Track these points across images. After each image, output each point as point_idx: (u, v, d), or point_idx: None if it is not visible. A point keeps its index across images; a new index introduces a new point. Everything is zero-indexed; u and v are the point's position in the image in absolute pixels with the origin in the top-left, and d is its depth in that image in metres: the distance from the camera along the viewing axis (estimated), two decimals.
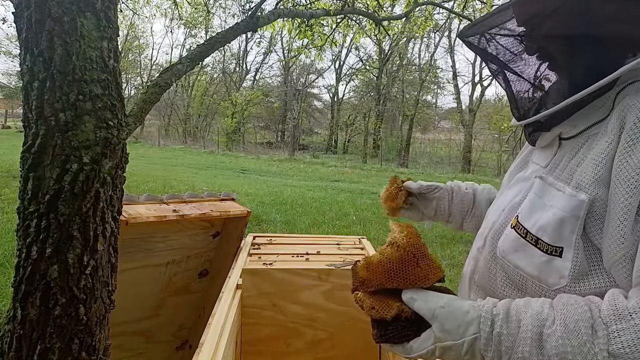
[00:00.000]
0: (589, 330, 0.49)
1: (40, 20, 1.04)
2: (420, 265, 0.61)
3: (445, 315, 0.58)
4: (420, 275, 0.61)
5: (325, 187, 9.54)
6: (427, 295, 0.61)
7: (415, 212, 1.08)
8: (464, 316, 0.57)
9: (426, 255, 0.62)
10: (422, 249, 0.63)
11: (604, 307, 0.51)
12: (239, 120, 24.62)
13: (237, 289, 1.29)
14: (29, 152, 1.08)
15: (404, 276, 0.60)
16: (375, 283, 0.62)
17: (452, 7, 5.12)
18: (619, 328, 0.47)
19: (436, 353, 0.59)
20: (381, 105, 24.21)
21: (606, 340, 0.48)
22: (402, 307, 0.60)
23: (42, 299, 1.09)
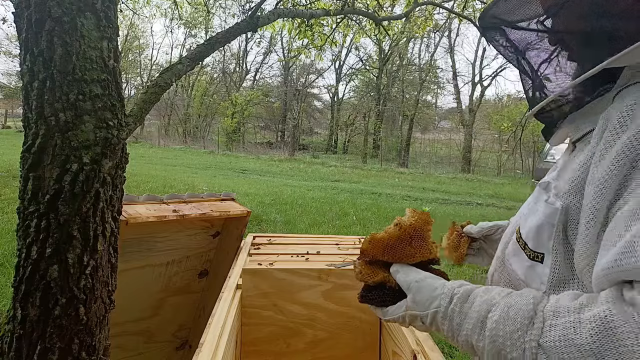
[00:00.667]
0: (525, 320, 0.51)
1: (40, 20, 1.04)
2: (413, 245, 0.69)
3: (417, 288, 0.65)
4: (409, 253, 0.69)
5: (325, 187, 9.54)
6: (409, 270, 0.68)
7: (483, 257, 1.01)
8: (432, 292, 0.63)
9: (422, 237, 0.69)
10: (421, 232, 0.70)
11: (550, 303, 0.52)
12: (239, 120, 24.62)
13: (237, 289, 1.29)
14: (29, 152, 1.08)
15: (395, 252, 0.69)
16: (371, 254, 0.70)
17: (452, 7, 5.12)
18: (552, 323, 0.49)
19: (406, 320, 0.66)
20: (381, 105, 24.21)
21: (539, 332, 0.49)
22: (387, 277, 0.69)
23: (42, 299, 1.09)
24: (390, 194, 9.14)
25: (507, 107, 22.60)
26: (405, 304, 0.66)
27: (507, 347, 0.52)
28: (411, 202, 8.28)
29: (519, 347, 0.50)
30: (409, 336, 1.07)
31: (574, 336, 0.46)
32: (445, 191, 10.82)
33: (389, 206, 7.09)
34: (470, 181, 14.60)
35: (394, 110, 24.92)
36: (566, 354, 0.46)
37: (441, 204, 8.31)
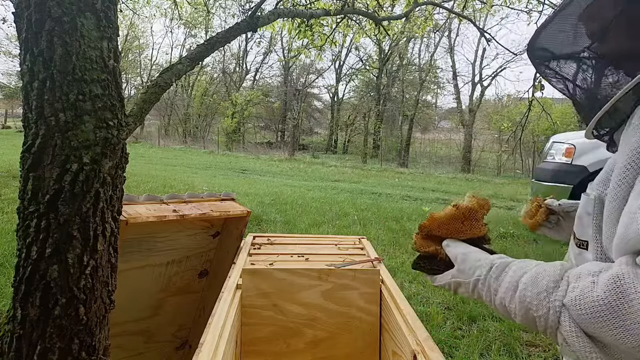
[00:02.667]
0: (551, 284, 0.57)
1: (40, 20, 1.04)
2: (464, 223, 0.77)
3: (462, 259, 0.73)
4: (460, 229, 0.77)
5: (325, 187, 9.54)
6: (459, 244, 0.76)
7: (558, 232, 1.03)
8: (475, 262, 0.71)
9: (475, 218, 0.77)
10: (475, 213, 0.78)
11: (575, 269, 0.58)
12: (238, 120, 24.63)
13: (237, 289, 1.29)
14: (29, 152, 1.08)
15: (448, 228, 0.77)
16: (427, 229, 0.80)
17: (452, 7, 5.11)
18: (574, 285, 0.54)
19: (452, 286, 0.75)
20: (381, 105, 24.21)
21: (563, 294, 0.55)
22: (439, 250, 0.78)
23: (42, 299, 1.09)
24: (390, 194, 9.14)
25: (507, 107, 22.61)
26: (452, 272, 0.74)
27: (533, 306, 0.57)
28: (411, 202, 8.28)
29: (544, 307, 0.56)
30: (409, 336, 1.07)
31: (590, 293, 0.51)
32: (445, 191, 10.82)
33: (389, 206, 7.08)
34: (470, 181, 14.60)
35: (394, 110, 24.91)
36: (583, 309, 0.51)
37: (441, 204, 8.31)
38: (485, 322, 2.84)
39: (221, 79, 27.52)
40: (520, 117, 8.35)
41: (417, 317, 1.15)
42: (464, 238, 0.77)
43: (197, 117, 26.81)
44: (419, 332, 1.06)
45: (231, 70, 27.76)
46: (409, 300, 1.26)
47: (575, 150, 4.55)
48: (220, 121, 25.53)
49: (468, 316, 2.92)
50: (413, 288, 3.41)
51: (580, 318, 0.52)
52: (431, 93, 26.98)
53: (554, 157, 4.82)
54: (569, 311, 0.54)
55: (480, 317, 2.91)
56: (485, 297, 0.68)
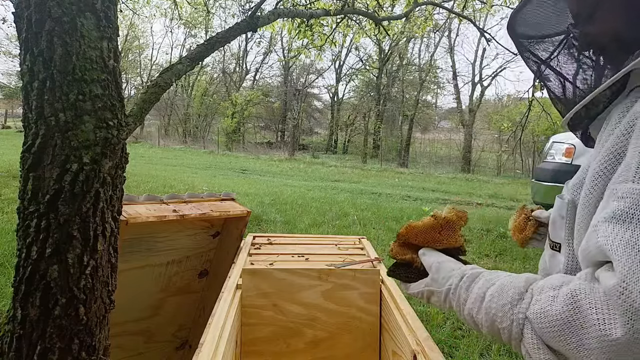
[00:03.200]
0: (516, 296, 0.57)
1: (40, 20, 1.04)
2: (441, 233, 0.78)
3: (437, 268, 0.73)
4: (436, 239, 0.78)
5: (325, 187, 9.54)
6: (434, 253, 0.77)
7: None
8: (448, 272, 0.71)
9: (452, 229, 0.79)
10: (452, 224, 0.79)
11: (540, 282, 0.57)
12: (238, 120, 24.63)
13: (237, 289, 1.29)
14: (29, 152, 1.08)
15: (425, 237, 0.79)
16: (405, 237, 0.81)
17: (452, 7, 5.11)
18: (537, 299, 0.54)
19: (424, 295, 0.75)
20: (381, 105, 24.21)
21: (527, 306, 0.55)
22: (415, 259, 0.80)
23: (42, 299, 1.09)
24: (390, 194, 9.14)
25: (507, 107, 22.61)
26: (425, 281, 0.75)
27: (498, 317, 0.58)
28: (411, 202, 8.28)
29: (508, 318, 0.56)
30: (409, 336, 1.07)
31: (550, 308, 0.51)
32: (445, 191, 10.82)
33: (389, 206, 7.08)
34: (470, 181, 14.60)
35: (394, 110, 24.91)
36: (543, 323, 0.51)
37: (441, 204, 8.31)
38: None
39: (221, 79, 27.52)
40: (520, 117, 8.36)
41: (417, 317, 1.15)
42: (440, 248, 0.79)
43: (197, 117, 26.81)
44: (419, 332, 1.06)
45: (231, 70, 27.77)
46: (409, 300, 1.26)
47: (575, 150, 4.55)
48: (220, 121, 25.54)
49: None
50: None
51: (541, 331, 0.52)
52: (431, 93, 27.00)
53: (554, 157, 4.82)
54: (532, 324, 0.53)
55: None
56: (455, 307, 0.68)
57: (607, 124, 0.60)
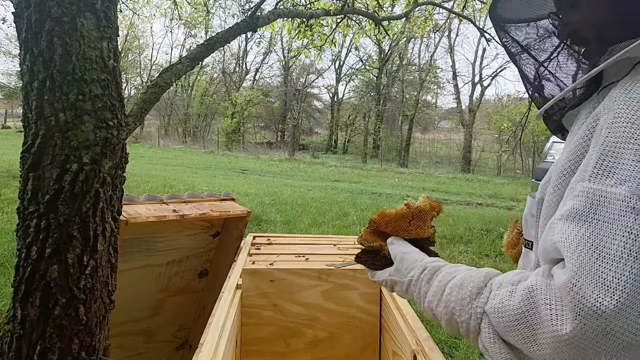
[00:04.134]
0: (475, 290, 0.57)
1: (40, 20, 1.04)
2: (410, 223, 0.78)
3: (401, 259, 0.74)
4: (405, 228, 0.78)
5: (325, 187, 9.54)
6: (401, 243, 0.77)
7: None
8: (412, 263, 0.72)
9: (422, 219, 0.79)
10: (423, 214, 0.79)
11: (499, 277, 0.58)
12: (238, 120, 24.63)
13: (237, 289, 1.29)
14: (29, 152, 1.08)
15: (395, 225, 0.79)
16: (375, 225, 0.81)
17: (452, 7, 5.11)
18: (495, 294, 0.55)
19: (388, 284, 0.76)
20: (381, 105, 24.20)
21: (485, 300, 0.56)
22: (383, 247, 0.79)
23: (42, 299, 1.09)
24: (390, 194, 9.14)
25: (507, 107, 22.61)
26: (389, 270, 0.76)
27: (457, 311, 0.58)
28: None
29: (466, 312, 0.57)
30: (409, 336, 1.07)
31: (507, 303, 0.52)
32: (445, 191, 10.82)
33: (389, 206, 7.06)
34: (470, 181, 14.60)
35: (394, 110, 24.91)
36: (500, 317, 0.52)
37: (441, 204, 8.29)
38: None
39: (221, 79, 27.52)
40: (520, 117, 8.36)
41: (417, 317, 1.15)
42: (408, 237, 0.79)
43: (197, 117, 26.80)
44: (419, 332, 1.06)
45: (231, 70, 27.76)
46: (409, 301, 1.26)
47: None
48: (220, 121, 25.53)
49: None
50: None
51: (498, 326, 0.53)
52: (431, 93, 26.99)
53: (554, 157, 4.82)
54: (489, 318, 0.54)
55: None
56: (416, 299, 0.69)
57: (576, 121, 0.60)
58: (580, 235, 0.46)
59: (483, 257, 4.34)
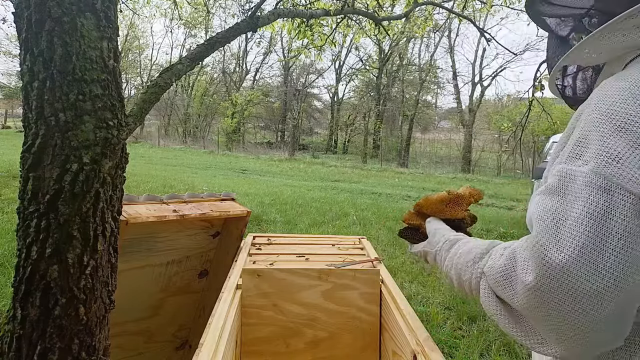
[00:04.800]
0: (478, 255, 0.69)
1: (40, 20, 1.04)
2: (447, 206, 0.90)
3: (433, 233, 0.87)
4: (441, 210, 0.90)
5: (325, 187, 9.54)
6: (436, 222, 0.90)
7: None
8: (440, 237, 0.84)
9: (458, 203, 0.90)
10: (460, 199, 0.90)
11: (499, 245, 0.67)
12: (238, 120, 24.63)
13: (237, 289, 1.29)
14: (29, 152, 1.08)
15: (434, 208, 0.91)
16: (419, 207, 0.94)
17: (452, 7, 5.11)
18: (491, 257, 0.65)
19: (421, 255, 0.90)
20: (381, 105, 24.20)
21: (485, 263, 0.66)
22: (422, 225, 0.93)
23: (42, 299, 1.09)
24: (390, 194, 9.14)
25: (507, 107, 22.60)
26: (423, 244, 0.89)
27: (463, 272, 0.71)
28: (411, 202, 8.27)
29: (469, 272, 0.69)
30: (409, 336, 1.07)
31: (497, 262, 0.62)
32: None
33: (389, 206, 7.08)
34: (470, 181, 14.60)
35: (394, 110, 24.91)
36: (491, 275, 0.62)
37: None
38: (485, 322, 2.84)
39: (221, 79, 27.52)
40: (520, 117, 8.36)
41: (417, 317, 1.15)
42: (443, 217, 0.91)
43: (197, 117, 26.80)
44: (419, 332, 1.06)
45: (231, 70, 27.76)
46: (409, 300, 1.26)
47: None
48: (220, 121, 25.53)
49: (468, 316, 2.92)
50: (413, 288, 3.41)
51: (491, 282, 0.62)
52: (431, 93, 26.99)
53: None
54: (486, 277, 0.64)
55: (480, 317, 2.90)
56: (439, 265, 0.82)
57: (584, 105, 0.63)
58: (549, 206, 0.55)
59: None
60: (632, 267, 0.49)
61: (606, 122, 0.53)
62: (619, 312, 0.51)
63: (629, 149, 0.50)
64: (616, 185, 0.50)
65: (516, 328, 0.61)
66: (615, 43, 0.59)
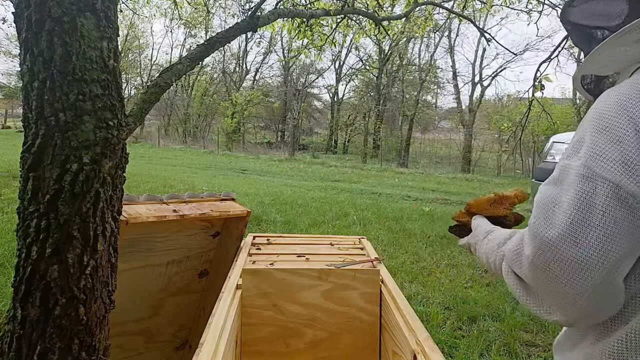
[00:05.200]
0: (503, 241, 0.81)
1: (40, 20, 1.04)
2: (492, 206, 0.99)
3: (475, 228, 0.97)
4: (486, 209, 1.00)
5: (325, 187, 9.54)
6: (480, 219, 0.99)
7: None
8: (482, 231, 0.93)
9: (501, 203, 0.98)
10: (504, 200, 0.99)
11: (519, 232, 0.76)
12: (238, 120, 24.63)
13: (237, 289, 1.29)
14: (29, 152, 1.08)
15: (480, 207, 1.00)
16: (468, 207, 1.03)
17: (452, 7, 5.11)
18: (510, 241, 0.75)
19: (467, 246, 1.00)
20: (381, 105, 24.20)
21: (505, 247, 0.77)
22: (469, 222, 1.02)
23: (42, 299, 1.09)
24: (390, 194, 9.14)
25: (507, 107, 22.60)
26: (468, 237, 0.99)
27: (491, 255, 0.83)
28: (411, 202, 8.28)
29: (495, 255, 0.81)
30: (409, 336, 1.07)
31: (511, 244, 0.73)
32: (445, 191, 10.82)
33: (389, 206, 7.08)
34: (470, 181, 14.60)
35: (394, 110, 24.90)
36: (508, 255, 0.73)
37: (441, 204, 8.31)
38: (485, 322, 2.84)
39: (221, 79, 27.51)
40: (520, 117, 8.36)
41: (417, 317, 1.15)
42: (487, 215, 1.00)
43: (197, 117, 26.79)
44: (419, 332, 1.06)
45: (231, 70, 27.75)
46: (409, 300, 1.26)
47: None
48: (220, 121, 25.53)
49: (468, 316, 2.92)
50: (413, 288, 3.41)
51: (509, 262, 0.72)
52: (431, 93, 26.97)
53: (554, 157, 4.81)
54: (506, 258, 0.74)
55: (480, 317, 2.91)
56: (477, 254, 0.94)
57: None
58: (548, 193, 0.66)
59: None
60: (612, 242, 0.58)
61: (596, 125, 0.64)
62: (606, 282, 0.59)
63: (609, 146, 0.61)
64: (598, 175, 0.60)
65: (530, 300, 0.70)
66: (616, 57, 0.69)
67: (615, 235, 0.58)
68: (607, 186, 0.59)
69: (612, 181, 0.59)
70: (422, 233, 5.19)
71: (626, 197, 0.58)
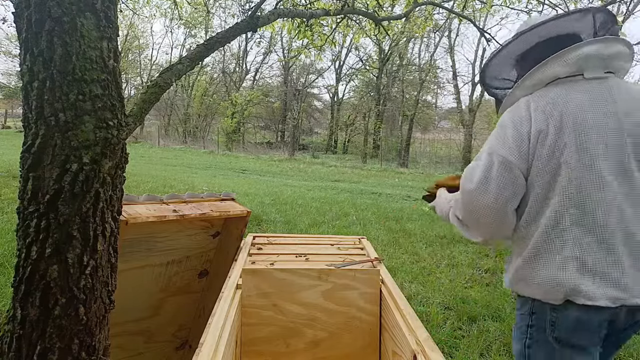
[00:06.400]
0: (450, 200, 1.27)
1: (40, 20, 1.04)
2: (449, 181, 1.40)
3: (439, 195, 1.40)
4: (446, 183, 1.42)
5: (325, 187, 9.54)
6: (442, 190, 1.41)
7: None
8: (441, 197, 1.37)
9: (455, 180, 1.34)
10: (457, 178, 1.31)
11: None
12: (238, 120, 24.62)
13: (237, 289, 1.29)
14: (29, 152, 1.08)
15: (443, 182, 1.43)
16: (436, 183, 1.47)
17: (452, 7, 5.10)
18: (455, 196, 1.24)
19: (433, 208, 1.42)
20: (381, 105, 24.19)
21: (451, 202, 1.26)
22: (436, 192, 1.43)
23: (42, 299, 1.09)
24: (390, 194, 9.14)
25: None
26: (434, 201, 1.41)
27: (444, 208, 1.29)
28: (411, 202, 8.27)
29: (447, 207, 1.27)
30: (409, 336, 1.07)
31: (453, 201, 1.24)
32: None
33: (389, 206, 7.08)
34: None
35: (394, 110, 24.89)
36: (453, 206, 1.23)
37: None
38: (485, 322, 2.84)
39: (221, 79, 27.50)
40: None
41: (417, 317, 1.15)
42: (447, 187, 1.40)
43: (197, 117, 26.78)
44: (419, 332, 1.06)
45: (231, 70, 27.74)
46: (409, 300, 1.27)
47: None
48: (220, 121, 25.52)
49: (468, 316, 2.92)
50: (413, 288, 3.41)
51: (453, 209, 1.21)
52: (431, 93, 26.95)
53: None
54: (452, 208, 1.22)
55: (480, 317, 2.90)
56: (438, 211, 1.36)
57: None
58: (472, 165, 1.12)
59: (483, 258, 4.34)
60: (504, 189, 1.05)
61: (498, 128, 1.11)
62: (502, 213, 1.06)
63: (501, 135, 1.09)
64: (495, 152, 1.08)
65: (464, 230, 1.17)
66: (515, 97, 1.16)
67: (505, 185, 1.04)
68: (499, 158, 1.06)
69: (501, 155, 1.06)
70: (422, 233, 5.19)
71: (508, 163, 1.04)
